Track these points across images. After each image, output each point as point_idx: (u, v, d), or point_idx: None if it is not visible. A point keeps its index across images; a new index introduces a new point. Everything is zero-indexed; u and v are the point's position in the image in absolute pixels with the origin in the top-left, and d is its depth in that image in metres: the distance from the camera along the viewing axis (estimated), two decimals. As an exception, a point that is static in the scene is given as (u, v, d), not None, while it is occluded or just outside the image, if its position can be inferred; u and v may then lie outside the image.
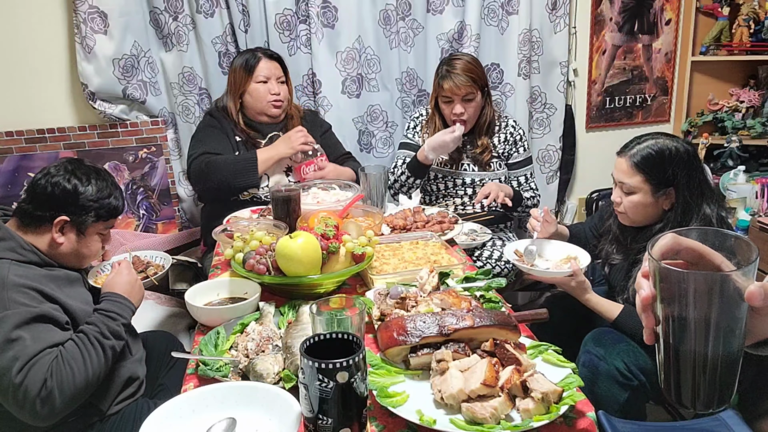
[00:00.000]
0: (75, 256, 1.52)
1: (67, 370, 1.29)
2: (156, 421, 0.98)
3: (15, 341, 1.27)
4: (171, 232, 2.69)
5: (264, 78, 2.30)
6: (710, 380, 0.66)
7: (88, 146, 2.55)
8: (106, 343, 1.38)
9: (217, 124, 2.34)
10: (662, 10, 3.15)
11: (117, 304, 1.48)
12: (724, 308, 0.64)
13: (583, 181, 3.26)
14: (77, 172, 1.49)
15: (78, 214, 1.47)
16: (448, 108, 2.36)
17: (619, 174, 1.71)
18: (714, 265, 0.69)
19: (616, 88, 3.21)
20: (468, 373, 1.05)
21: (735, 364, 0.66)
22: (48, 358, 1.28)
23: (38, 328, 1.31)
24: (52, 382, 1.27)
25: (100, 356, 1.36)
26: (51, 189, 1.45)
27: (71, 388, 1.29)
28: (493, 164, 2.46)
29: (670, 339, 0.67)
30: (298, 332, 1.22)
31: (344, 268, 1.47)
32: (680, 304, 0.65)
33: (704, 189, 1.66)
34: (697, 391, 0.67)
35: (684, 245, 0.70)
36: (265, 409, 1.03)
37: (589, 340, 1.76)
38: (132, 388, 1.55)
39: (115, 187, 1.56)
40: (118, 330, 1.43)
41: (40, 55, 2.48)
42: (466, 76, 2.29)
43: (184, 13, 2.51)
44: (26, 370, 1.25)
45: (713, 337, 0.64)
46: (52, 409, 1.28)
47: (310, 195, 2.01)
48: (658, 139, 1.67)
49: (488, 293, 1.44)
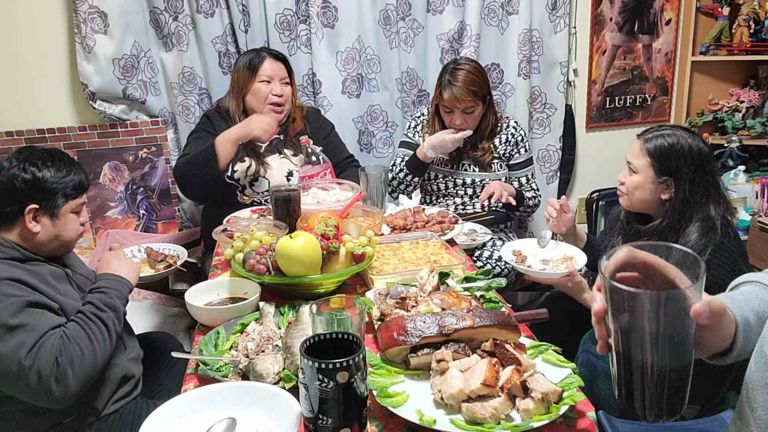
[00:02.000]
0: (55, 242, 1.50)
1: (75, 347, 1.31)
2: (156, 421, 0.98)
3: (16, 328, 1.28)
4: (171, 232, 2.69)
5: (267, 78, 2.28)
6: (659, 391, 0.68)
7: (88, 146, 2.56)
8: (103, 315, 1.39)
9: (210, 127, 2.30)
10: (662, 10, 3.15)
11: (108, 280, 1.50)
12: (672, 324, 0.66)
13: (583, 181, 3.26)
14: (31, 159, 1.46)
15: (46, 199, 1.46)
16: (448, 117, 2.36)
17: (630, 154, 1.73)
18: (668, 278, 0.71)
19: (616, 88, 3.21)
20: (468, 373, 1.05)
21: (684, 376, 0.68)
22: (53, 338, 1.30)
23: (34, 314, 1.32)
24: (63, 359, 1.29)
25: (102, 330, 1.38)
26: (11, 183, 1.43)
27: (82, 364, 1.31)
28: (494, 165, 2.46)
29: (620, 350, 0.69)
30: (298, 332, 1.22)
31: (344, 268, 1.47)
32: (629, 318, 0.67)
33: (711, 191, 1.65)
34: (648, 402, 0.69)
35: (639, 258, 0.72)
36: (265, 409, 1.03)
37: (588, 339, 1.76)
38: (128, 386, 1.54)
39: (72, 164, 1.53)
40: (112, 302, 1.44)
41: (40, 55, 2.48)
42: (468, 90, 2.26)
43: (184, 13, 2.51)
44: (34, 352, 1.27)
45: (661, 350, 0.66)
46: (67, 388, 1.29)
47: (310, 195, 2.01)
48: (677, 131, 1.68)
49: (488, 293, 1.44)
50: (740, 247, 1.64)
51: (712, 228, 1.60)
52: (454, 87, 2.26)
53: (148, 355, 1.71)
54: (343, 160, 2.49)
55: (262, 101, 2.29)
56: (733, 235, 1.62)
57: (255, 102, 2.30)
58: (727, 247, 1.58)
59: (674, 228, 1.65)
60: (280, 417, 1.00)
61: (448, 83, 2.29)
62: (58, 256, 1.55)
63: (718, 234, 1.59)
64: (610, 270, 0.71)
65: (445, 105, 2.32)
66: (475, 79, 2.29)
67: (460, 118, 2.32)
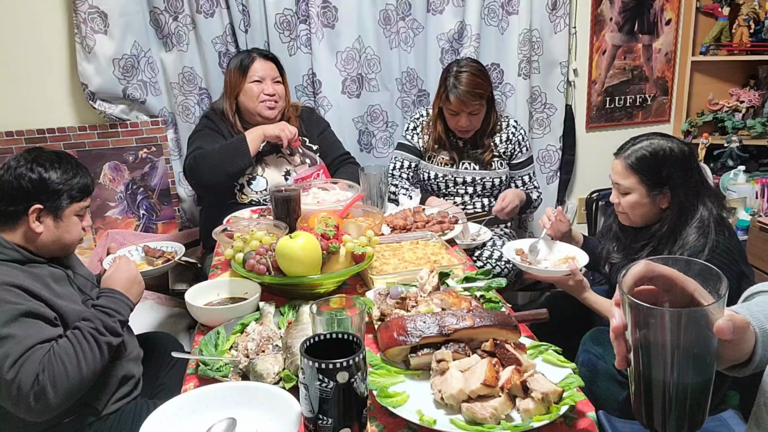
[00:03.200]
0: (57, 244, 1.50)
1: (59, 365, 1.28)
2: (156, 421, 0.98)
3: (5, 339, 1.26)
4: (171, 232, 2.69)
5: (258, 78, 2.29)
6: (680, 408, 0.67)
7: (88, 146, 2.55)
8: (101, 339, 1.37)
9: (213, 126, 2.33)
10: (662, 10, 3.15)
11: (114, 300, 1.47)
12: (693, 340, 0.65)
13: (583, 181, 3.26)
14: (39, 160, 1.46)
15: (51, 200, 1.46)
16: (454, 120, 2.36)
17: (614, 175, 1.72)
18: (687, 291, 0.71)
19: (616, 88, 3.21)
20: (468, 373, 1.05)
21: (706, 391, 0.67)
22: (39, 353, 1.28)
23: (27, 324, 1.30)
24: (44, 377, 1.26)
25: (95, 352, 1.35)
26: (17, 182, 1.43)
27: (64, 383, 1.28)
28: (494, 163, 2.47)
29: (640, 366, 0.68)
30: (298, 332, 1.22)
31: (344, 268, 1.47)
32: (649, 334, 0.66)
33: (700, 189, 1.65)
34: (668, 418, 0.68)
35: (657, 272, 0.71)
36: (265, 409, 1.03)
37: (588, 339, 1.76)
38: (128, 386, 1.54)
39: (79, 167, 1.53)
40: (113, 326, 1.41)
41: (40, 55, 2.48)
42: (474, 93, 2.26)
43: (184, 13, 2.51)
44: (18, 365, 1.25)
45: (683, 366, 0.65)
46: (47, 405, 1.27)
47: (310, 195, 2.01)
48: (653, 139, 1.67)
49: (488, 293, 1.44)
50: (737, 245, 1.64)
51: (707, 228, 1.60)
52: (461, 90, 2.25)
53: (148, 355, 1.71)
54: (339, 157, 2.49)
55: (254, 100, 2.30)
56: (727, 233, 1.63)
57: (247, 102, 2.32)
58: (723, 246, 1.58)
59: (673, 231, 1.66)
60: (280, 417, 1.00)
61: (453, 87, 2.28)
62: (59, 257, 1.55)
63: (713, 233, 1.59)
64: (628, 285, 0.70)
65: (450, 108, 2.33)
66: (480, 81, 2.30)
67: (466, 120, 2.33)
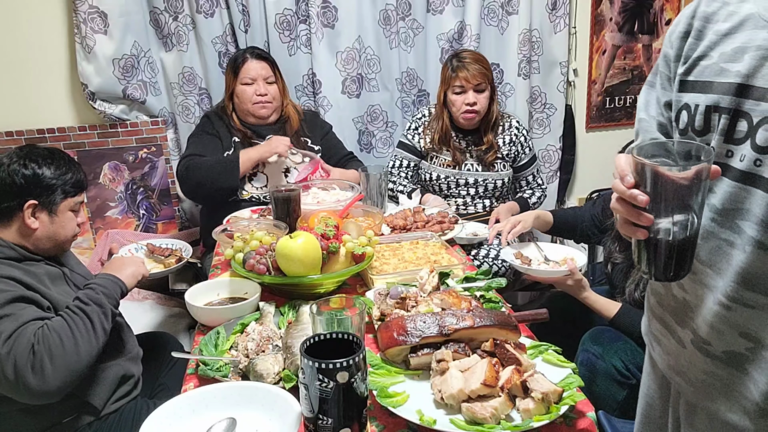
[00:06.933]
0: (52, 240, 1.50)
1: (54, 336, 1.28)
2: (156, 421, 0.98)
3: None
4: (171, 232, 2.69)
5: (249, 79, 2.30)
6: (682, 255, 0.78)
7: (88, 146, 2.55)
8: (87, 309, 1.36)
9: (211, 127, 2.34)
10: (662, 10, 3.15)
11: (99, 278, 1.48)
12: (705, 192, 0.76)
13: (583, 181, 3.26)
14: (31, 156, 1.47)
15: (45, 195, 1.46)
16: (461, 98, 2.36)
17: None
18: None
19: (616, 88, 3.21)
20: (468, 373, 1.05)
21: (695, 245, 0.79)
22: (33, 327, 1.28)
23: (18, 307, 1.30)
24: (40, 347, 1.25)
25: (86, 323, 1.34)
26: (11, 178, 1.43)
27: (62, 355, 1.27)
28: (497, 164, 2.47)
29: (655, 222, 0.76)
30: (298, 332, 1.22)
31: (344, 268, 1.47)
32: (670, 194, 0.75)
33: None
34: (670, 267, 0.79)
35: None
36: (265, 409, 1.03)
37: (587, 338, 1.76)
38: (127, 386, 1.54)
39: (71, 163, 1.54)
40: (97, 297, 1.40)
41: (40, 55, 2.48)
42: (479, 66, 2.34)
43: (184, 13, 2.51)
44: (12, 340, 1.24)
45: (698, 215, 0.76)
46: (45, 379, 1.25)
47: (310, 195, 2.01)
48: None
49: (488, 293, 1.44)
50: None
51: None
52: (466, 65, 2.33)
53: (148, 355, 1.71)
54: (343, 158, 2.51)
55: (247, 102, 2.32)
56: None
57: (239, 103, 2.34)
58: None
59: None
60: (280, 417, 1.00)
61: (459, 64, 2.35)
62: (55, 255, 1.55)
63: None
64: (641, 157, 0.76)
65: (457, 85, 2.35)
66: (482, 59, 2.40)
67: (473, 97, 2.35)
